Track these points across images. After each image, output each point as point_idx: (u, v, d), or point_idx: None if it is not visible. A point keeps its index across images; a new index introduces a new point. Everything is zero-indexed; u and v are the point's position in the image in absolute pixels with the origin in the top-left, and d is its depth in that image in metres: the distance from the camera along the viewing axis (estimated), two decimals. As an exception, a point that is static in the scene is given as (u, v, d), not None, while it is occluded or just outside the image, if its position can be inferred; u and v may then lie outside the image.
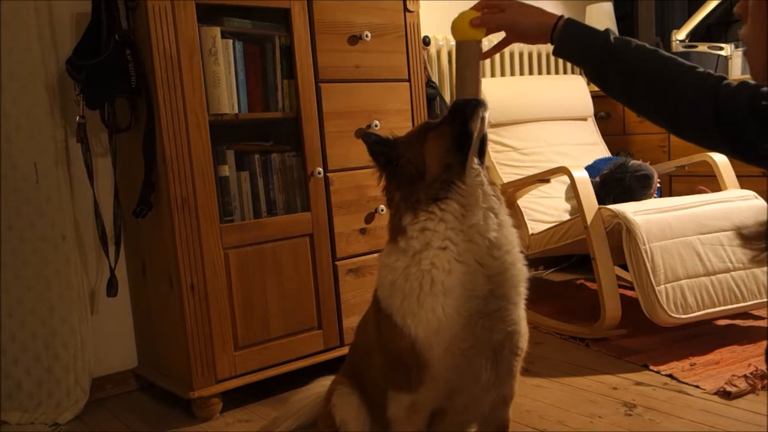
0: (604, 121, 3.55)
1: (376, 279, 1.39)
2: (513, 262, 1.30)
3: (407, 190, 1.30)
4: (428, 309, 1.25)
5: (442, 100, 2.82)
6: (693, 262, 2.34)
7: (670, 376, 2.08)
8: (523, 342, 1.35)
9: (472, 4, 1.34)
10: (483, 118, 1.28)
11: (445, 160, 1.28)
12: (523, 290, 1.33)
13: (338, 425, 1.49)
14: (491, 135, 3.15)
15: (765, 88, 1.10)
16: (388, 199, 1.36)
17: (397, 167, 1.32)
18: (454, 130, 1.29)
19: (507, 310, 1.29)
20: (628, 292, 2.72)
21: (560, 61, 3.68)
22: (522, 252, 1.34)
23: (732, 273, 2.37)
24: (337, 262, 2.27)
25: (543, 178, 2.77)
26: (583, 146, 3.34)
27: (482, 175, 1.30)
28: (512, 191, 2.88)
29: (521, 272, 1.32)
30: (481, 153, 1.32)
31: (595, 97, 3.47)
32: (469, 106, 1.28)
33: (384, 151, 1.33)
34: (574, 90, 3.44)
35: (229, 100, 2.07)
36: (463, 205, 1.27)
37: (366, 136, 1.35)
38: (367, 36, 2.28)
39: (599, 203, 2.46)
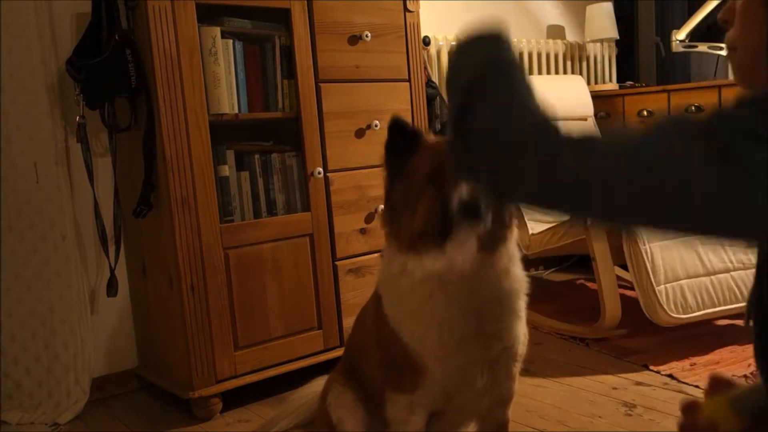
0: (604, 121, 3.54)
1: (379, 272, 1.37)
2: (508, 287, 1.24)
3: (395, 217, 1.23)
4: (418, 321, 1.24)
5: (442, 100, 2.81)
6: (693, 262, 2.34)
7: (670, 376, 2.08)
8: (522, 349, 1.32)
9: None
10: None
11: (431, 221, 1.17)
12: (521, 305, 1.28)
13: (335, 423, 1.49)
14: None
15: None
16: (387, 192, 1.26)
17: (399, 174, 1.23)
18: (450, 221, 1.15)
19: (504, 331, 1.26)
20: (628, 292, 2.71)
21: (560, 61, 3.67)
22: (513, 268, 1.26)
23: (732, 273, 2.37)
24: (337, 262, 2.27)
25: (543, 178, 2.76)
26: (584, 146, 3.33)
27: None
28: (512, 191, 2.87)
29: (517, 290, 1.26)
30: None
31: (595, 97, 3.46)
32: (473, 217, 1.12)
33: (398, 150, 1.23)
34: (574, 90, 3.43)
35: (229, 100, 2.07)
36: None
37: (397, 120, 1.23)
38: (367, 36, 2.28)
39: (599, 203, 2.45)
